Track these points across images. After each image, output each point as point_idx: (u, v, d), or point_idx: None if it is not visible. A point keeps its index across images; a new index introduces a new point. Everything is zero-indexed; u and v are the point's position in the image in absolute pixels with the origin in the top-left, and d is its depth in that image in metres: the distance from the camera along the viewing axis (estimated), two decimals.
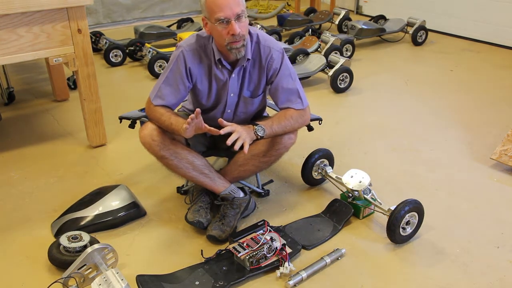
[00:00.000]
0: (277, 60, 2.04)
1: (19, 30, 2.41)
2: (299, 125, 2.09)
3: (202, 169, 2.09)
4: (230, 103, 2.15)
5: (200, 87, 2.09)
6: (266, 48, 2.03)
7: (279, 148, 2.08)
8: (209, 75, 2.06)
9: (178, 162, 2.05)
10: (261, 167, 2.18)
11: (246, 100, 2.15)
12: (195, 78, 2.06)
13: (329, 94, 3.85)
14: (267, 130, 1.97)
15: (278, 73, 2.05)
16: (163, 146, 2.01)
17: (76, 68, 2.65)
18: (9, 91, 3.58)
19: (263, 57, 2.03)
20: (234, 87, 2.10)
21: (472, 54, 4.93)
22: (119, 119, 2.38)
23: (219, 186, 2.14)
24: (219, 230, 2.06)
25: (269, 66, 2.04)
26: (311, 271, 1.90)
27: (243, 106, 2.18)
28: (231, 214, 2.12)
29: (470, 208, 2.38)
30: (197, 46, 2.02)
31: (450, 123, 3.33)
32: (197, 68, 2.03)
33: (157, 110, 2.02)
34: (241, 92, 2.13)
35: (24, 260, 2.00)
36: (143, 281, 1.81)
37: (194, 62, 2.02)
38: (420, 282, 1.90)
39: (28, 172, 2.67)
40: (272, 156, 2.13)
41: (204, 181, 2.12)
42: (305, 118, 2.11)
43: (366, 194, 2.22)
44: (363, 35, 5.03)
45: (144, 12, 6.08)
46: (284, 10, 6.59)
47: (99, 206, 2.20)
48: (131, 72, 4.34)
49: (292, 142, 2.10)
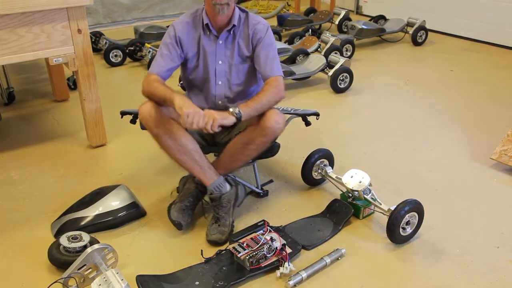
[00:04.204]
0: (262, 30, 2.19)
1: (19, 30, 2.41)
2: (274, 95, 2.09)
3: (193, 155, 2.10)
4: (220, 71, 2.21)
5: (190, 59, 2.21)
6: (253, 20, 2.21)
7: (267, 133, 2.06)
8: (198, 44, 2.19)
9: (171, 143, 2.07)
10: (251, 155, 2.17)
11: (238, 67, 2.22)
12: (186, 48, 2.18)
13: (329, 94, 3.85)
14: (243, 108, 1.99)
15: (262, 41, 2.18)
16: (159, 124, 2.04)
17: (76, 68, 2.65)
18: (9, 91, 3.58)
19: (250, 27, 2.19)
20: (221, 54, 2.19)
21: (472, 54, 4.93)
22: (121, 114, 2.37)
23: (207, 177, 2.14)
24: (218, 233, 2.08)
25: (254, 34, 2.19)
26: (311, 271, 1.90)
27: (235, 76, 2.23)
28: (224, 212, 2.13)
29: (470, 208, 2.38)
30: (187, 19, 2.20)
31: (450, 123, 3.33)
32: (186, 37, 2.17)
33: (152, 82, 2.08)
34: (231, 61, 2.21)
35: (24, 260, 2.00)
36: (143, 281, 1.81)
37: (184, 33, 2.17)
38: (420, 282, 1.90)
39: (28, 172, 2.67)
40: (260, 144, 2.11)
41: (193, 167, 2.12)
42: (279, 88, 2.13)
43: (366, 194, 2.22)
44: (363, 35, 5.03)
45: (144, 12, 6.09)
46: (284, 10, 6.60)
47: (99, 206, 2.20)
48: (131, 72, 4.35)
49: (279, 127, 2.07)
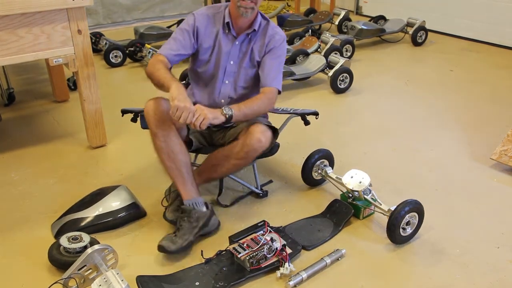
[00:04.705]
0: (278, 41, 2.22)
1: (19, 31, 2.41)
2: (265, 105, 2.13)
3: (181, 165, 2.07)
4: (229, 71, 2.22)
5: (204, 50, 2.21)
6: (272, 30, 2.23)
7: (248, 150, 2.06)
8: (215, 39, 2.20)
9: (164, 146, 2.06)
10: (232, 169, 2.19)
11: (247, 71, 2.23)
12: (201, 40, 2.19)
13: (329, 94, 3.85)
14: (235, 109, 2.00)
15: (273, 51, 2.21)
16: (160, 124, 2.03)
17: (76, 69, 2.65)
18: (9, 92, 3.58)
19: (267, 36, 2.21)
20: (235, 55, 2.21)
21: (472, 54, 4.93)
22: (121, 113, 2.37)
23: (187, 192, 2.09)
24: (169, 241, 2.00)
25: (269, 44, 2.21)
26: (311, 272, 1.90)
27: (243, 78, 2.24)
28: (186, 226, 2.04)
29: (470, 208, 2.38)
30: (208, 13, 2.21)
31: (450, 123, 3.33)
32: (204, 29, 2.18)
33: (157, 63, 2.07)
34: (241, 63, 2.22)
35: (24, 261, 2.00)
36: (143, 282, 1.81)
37: (202, 24, 2.18)
38: (420, 282, 1.90)
39: (28, 172, 2.67)
40: (242, 159, 2.11)
41: (177, 178, 2.09)
42: (272, 100, 2.17)
43: (366, 195, 2.22)
44: (363, 36, 5.03)
45: (144, 13, 6.09)
46: (284, 11, 6.59)
47: (99, 207, 2.20)
48: (131, 73, 4.35)
49: (261, 145, 2.06)
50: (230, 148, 2.13)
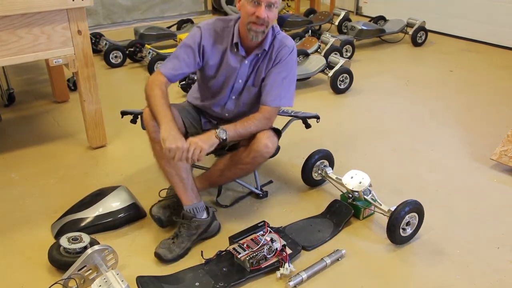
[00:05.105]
0: (285, 54, 2.11)
1: (19, 32, 2.41)
2: (263, 125, 2.07)
3: (181, 171, 2.05)
4: (236, 88, 2.17)
5: (210, 67, 2.13)
6: (279, 43, 2.11)
7: (255, 156, 2.06)
8: (222, 56, 2.11)
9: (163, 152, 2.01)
10: (239, 174, 2.19)
11: (250, 89, 2.18)
12: (207, 57, 2.10)
13: (329, 95, 3.85)
14: (230, 131, 1.96)
15: (278, 64, 2.11)
16: (157, 130, 1.98)
17: (76, 69, 2.65)
18: (9, 92, 3.58)
19: (274, 50, 2.11)
20: (243, 74, 2.13)
21: (471, 54, 4.93)
22: (121, 114, 2.37)
23: (187, 198, 2.07)
24: (166, 249, 1.99)
25: (276, 58, 2.11)
26: (311, 272, 1.90)
27: (246, 95, 2.20)
28: (185, 234, 2.04)
29: (470, 209, 2.38)
30: (215, 28, 2.10)
31: (450, 123, 3.33)
32: (210, 47, 2.09)
33: (155, 88, 1.98)
34: (247, 80, 2.16)
35: (24, 261, 2.00)
36: (144, 282, 1.81)
37: (209, 42, 2.08)
38: (420, 282, 1.90)
39: (28, 173, 2.67)
40: (248, 164, 2.11)
41: (177, 184, 2.06)
42: (270, 120, 2.11)
43: (366, 195, 2.22)
44: (363, 36, 5.03)
45: (144, 13, 6.09)
46: (284, 11, 6.59)
47: (99, 207, 2.20)
48: (131, 73, 4.35)
49: (268, 151, 2.05)
50: (237, 153, 2.12)
